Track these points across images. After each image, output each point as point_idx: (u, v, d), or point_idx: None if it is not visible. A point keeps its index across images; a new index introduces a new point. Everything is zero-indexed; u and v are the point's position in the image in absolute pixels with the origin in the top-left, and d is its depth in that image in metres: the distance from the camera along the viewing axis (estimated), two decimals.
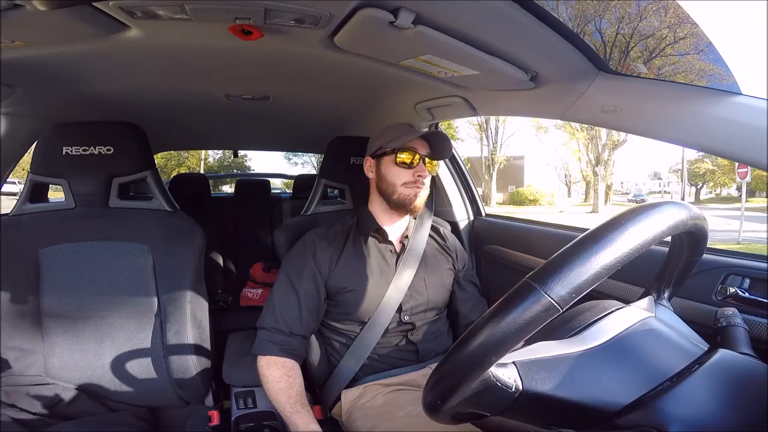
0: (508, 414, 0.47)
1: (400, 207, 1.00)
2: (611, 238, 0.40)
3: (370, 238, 1.02)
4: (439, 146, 1.00)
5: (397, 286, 0.98)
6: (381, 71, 0.95)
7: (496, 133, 19.50)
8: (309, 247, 1.00)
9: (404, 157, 0.97)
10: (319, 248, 0.99)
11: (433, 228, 1.12)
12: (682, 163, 21.41)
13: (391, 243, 1.03)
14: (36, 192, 1.05)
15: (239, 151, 2.98)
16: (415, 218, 1.10)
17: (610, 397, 0.46)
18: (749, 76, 0.64)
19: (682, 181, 22.06)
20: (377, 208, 1.04)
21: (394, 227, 1.05)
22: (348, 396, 0.96)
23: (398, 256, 1.03)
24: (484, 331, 0.40)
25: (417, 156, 0.98)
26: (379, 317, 0.97)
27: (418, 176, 0.98)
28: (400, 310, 0.99)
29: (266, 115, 1.59)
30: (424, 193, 1.00)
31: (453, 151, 1.53)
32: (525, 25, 0.66)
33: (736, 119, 0.66)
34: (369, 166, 1.05)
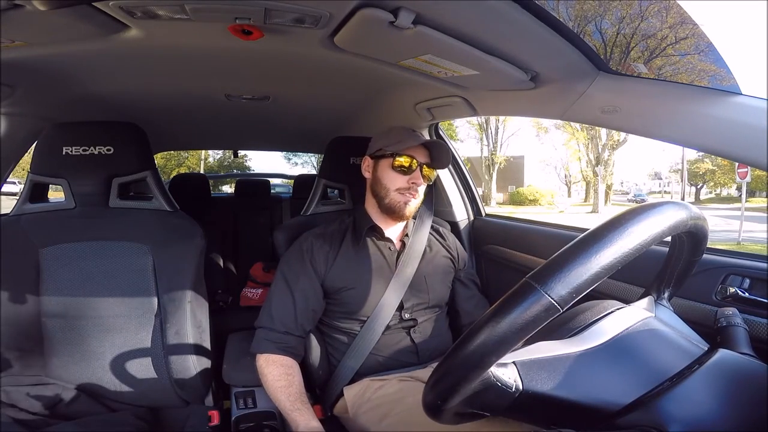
0: (508, 414, 0.47)
1: (391, 212, 1.00)
2: (611, 238, 0.40)
3: (369, 235, 1.02)
4: (439, 155, 1.00)
5: (397, 283, 0.99)
6: (381, 71, 0.95)
7: (496, 133, 19.50)
8: (305, 247, 1.00)
9: (402, 161, 0.97)
10: (315, 247, 1.00)
11: (432, 227, 1.12)
12: (682, 163, 21.41)
13: (389, 240, 1.03)
14: (36, 192, 1.05)
15: (239, 151, 2.98)
16: (414, 218, 1.10)
17: (610, 397, 0.46)
18: (749, 76, 0.64)
19: (682, 181, 22.05)
20: (372, 209, 1.04)
21: (393, 227, 1.05)
22: (351, 392, 0.96)
23: (398, 254, 1.03)
24: (484, 331, 0.40)
25: (414, 162, 0.97)
26: (378, 315, 0.97)
27: (413, 183, 0.97)
28: (401, 308, 0.99)
29: (266, 115, 1.59)
30: (416, 201, 1.00)
31: (453, 150, 1.55)
32: (525, 25, 0.66)
33: (736, 119, 0.66)
34: (366, 166, 1.05)
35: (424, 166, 0.99)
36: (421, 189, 1.00)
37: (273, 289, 0.99)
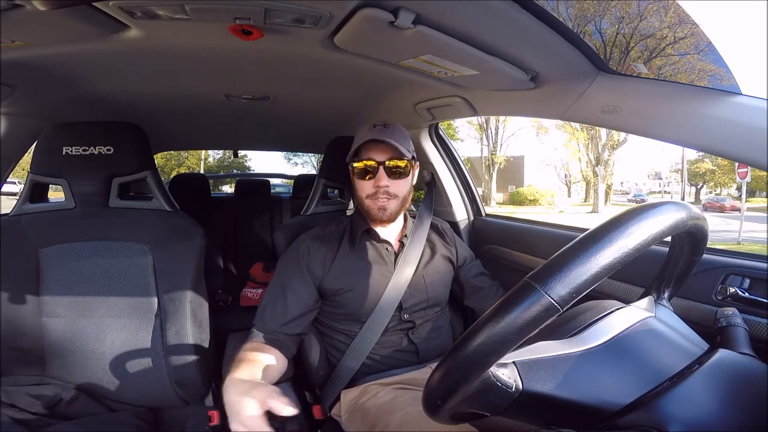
0: (508, 414, 0.47)
1: (371, 218, 0.99)
2: (611, 238, 0.40)
3: (365, 238, 1.02)
4: (400, 144, 0.93)
5: (395, 284, 0.98)
6: (381, 71, 0.95)
7: (496, 133, 19.52)
8: (302, 248, 1.00)
9: (359, 167, 0.95)
10: (312, 249, 0.99)
11: (432, 225, 1.12)
12: (682, 163, 21.42)
13: (387, 242, 1.03)
14: (36, 192, 1.05)
15: (239, 151, 2.98)
16: (413, 218, 1.10)
17: (610, 397, 0.46)
18: (749, 76, 0.64)
19: (682, 181, 22.05)
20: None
21: (389, 228, 1.05)
22: (347, 396, 0.96)
23: (397, 255, 1.03)
24: (484, 331, 0.40)
25: (372, 163, 0.94)
26: (378, 316, 0.97)
27: (377, 186, 0.94)
28: (400, 308, 0.99)
29: (266, 115, 1.60)
30: (392, 203, 0.96)
31: (453, 150, 1.56)
32: (525, 25, 0.66)
33: (736, 119, 0.66)
34: (351, 177, 1.04)
35: (391, 161, 0.94)
36: (398, 188, 0.97)
37: (268, 289, 0.99)
